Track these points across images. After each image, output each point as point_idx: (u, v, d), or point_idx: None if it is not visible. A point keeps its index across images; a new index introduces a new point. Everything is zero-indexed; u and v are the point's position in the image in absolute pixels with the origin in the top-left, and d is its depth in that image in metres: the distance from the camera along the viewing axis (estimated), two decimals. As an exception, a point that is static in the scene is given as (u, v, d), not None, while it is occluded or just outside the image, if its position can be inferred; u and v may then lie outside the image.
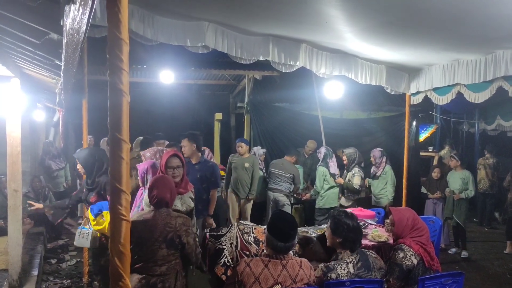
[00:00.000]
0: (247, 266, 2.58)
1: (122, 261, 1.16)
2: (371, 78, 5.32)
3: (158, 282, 2.75)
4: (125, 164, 1.15)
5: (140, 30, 3.97)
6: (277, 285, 2.56)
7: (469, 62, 4.57)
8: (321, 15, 3.75)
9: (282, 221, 2.74)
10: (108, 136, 1.21)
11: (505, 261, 6.70)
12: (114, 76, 1.12)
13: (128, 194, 1.17)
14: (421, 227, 3.39)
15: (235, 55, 4.54)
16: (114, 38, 1.12)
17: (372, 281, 2.84)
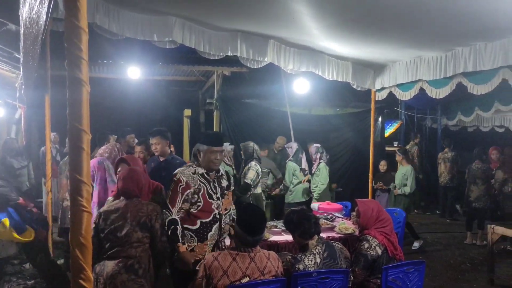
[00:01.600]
0: (215, 259, 2.60)
1: (83, 253, 1.15)
2: (337, 74, 5.43)
3: (135, 263, 2.83)
4: (86, 155, 1.14)
5: (105, 24, 3.91)
6: (245, 277, 2.58)
7: (430, 59, 4.73)
8: (289, 12, 3.79)
9: (250, 214, 2.77)
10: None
11: (465, 250, 6.97)
12: (72, 66, 1.11)
13: (89, 185, 1.16)
14: (385, 218, 3.50)
15: (203, 50, 4.53)
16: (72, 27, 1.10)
17: (338, 271, 2.91)
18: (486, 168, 7.33)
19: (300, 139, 7.85)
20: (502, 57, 3.88)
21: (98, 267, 2.87)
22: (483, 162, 7.40)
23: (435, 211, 10.30)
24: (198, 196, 3.21)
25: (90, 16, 3.79)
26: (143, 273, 2.85)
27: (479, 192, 7.27)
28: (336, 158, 9.08)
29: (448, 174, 9.40)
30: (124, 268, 2.79)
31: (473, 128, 11.49)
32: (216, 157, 3.30)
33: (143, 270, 2.85)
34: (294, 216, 3.15)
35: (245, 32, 4.64)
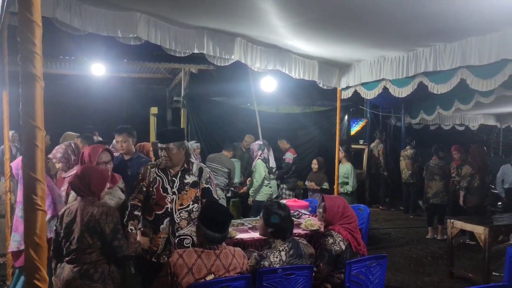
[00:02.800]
0: (180, 257, 2.59)
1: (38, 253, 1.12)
2: (304, 73, 5.48)
3: (90, 269, 2.74)
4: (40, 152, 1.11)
5: (66, 19, 3.80)
6: (210, 274, 2.58)
7: (393, 59, 4.85)
8: (255, 10, 3.80)
9: (215, 212, 2.77)
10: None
11: (426, 245, 7.21)
12: (26, 61, 1.08)
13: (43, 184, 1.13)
14: (351, 215, 3.58)
15: (169, 47, 4.47)
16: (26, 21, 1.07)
17: (303, 267, 2.95)
18: (442, 165, 7.60)
19: (268, 137, 7.89)
20: (460, 58, 4.03)
21: (59, 269, 2.79)
22: (440, 158, 7.67)
23: (399, 207, 10.60)
24: (152, 189, 3.37)
25: (50, 10, 3.68)
26: (100, 277, 2.75)
27: (437, 188, 7.53)
28: (303, 155, 9.18)
29: (408, 171, 9.72)
30: (79, 273, 2.71)
31: (435, 127, 11.87)
32: (162, 153, 3.36)
33: (100, 274, 2.75)
34: (281, 213, 3.14)
35: (211, 30, 4.61)
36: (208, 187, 3.40)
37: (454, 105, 8.60)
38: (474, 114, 10.72)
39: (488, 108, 9.12)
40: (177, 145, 3.34)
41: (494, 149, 13.92)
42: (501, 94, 6.94)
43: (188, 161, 3.44)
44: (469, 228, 5.34)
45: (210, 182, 3.45)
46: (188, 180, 3.39)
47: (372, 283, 3.24)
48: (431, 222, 7.75)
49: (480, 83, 3.99)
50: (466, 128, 11.76)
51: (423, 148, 10.23)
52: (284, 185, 7.67)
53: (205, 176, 3.44)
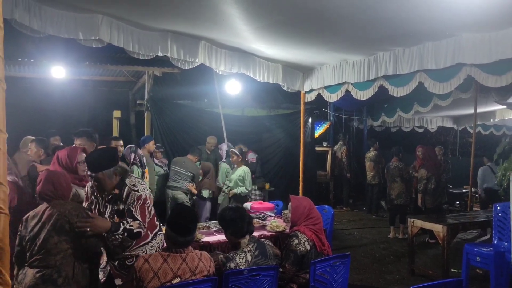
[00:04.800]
0: (145, 261, 2.56)
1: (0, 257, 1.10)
2: (268, 76, 5.55)
3: (54, 273, 2.67)
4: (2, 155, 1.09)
5: (25, 21, 3.69)
6: (176, 278, 2.57)
7: (355, 63, 5.00)
8: (218, 13, 3.82)
9: (181, 215, 2.76)
10: None
11: (389, 244, 7.41)
12: None
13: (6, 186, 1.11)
14: (316, 216, 3.64)
15: (132, 50, 4.42)
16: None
17: (268, 268, 2.99)
18: (402, 166, 7.84)
19: (232, 140, 7.91)
20: (418, 62, 4.22)
21: (21, 275, 2.71)
22: (400, 160, 7.92)
23: (362, 208, 10.85)
24: (91, 210, 3.17)
25: (8, 11, 3.57)
26: (64, 281, 2.69)
27: (400, 189, 7.76)
28: (268, 158, 9.27)
29: (371, 172, 9.97)
30: (42, 278, 2.64)
31: (396, 129, 12.25)
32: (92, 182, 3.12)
33: (64, 278, 2.69)
34: (228, 214, 3.20)
35: (175, 33, 4.60)
36: (129, 208, 3.03)
37: (413, 108, 8.93)
38: (433, 116, 11.19)
39: (445, 110, 9.55)
40: (108, 173, 3.03)
41: (451, 150, 14.50)
42: (458, 97, 7.29)
43: (122, 185, 3.12)
44: (428, 227, 5.53)
45: (133, 204, 3.04)
46: (119, 207, 3.14)
47: (336, 282, 3.31)
48: (393, 221, 7.99)
49: (437, 86, 4.17)
50: (425, 130, 12.23)
51: (384, 149, 10.54)
52: (253, 185, 7.71)
53: (130, 201, 3.06)
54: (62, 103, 9.44)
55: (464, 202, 10.04)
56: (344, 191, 11.04)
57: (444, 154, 9.12)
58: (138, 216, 2.99)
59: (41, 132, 5.86)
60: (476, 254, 4.96)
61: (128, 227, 2.89)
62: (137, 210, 3.01)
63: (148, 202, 3.11)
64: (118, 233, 2.85)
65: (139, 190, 3.09)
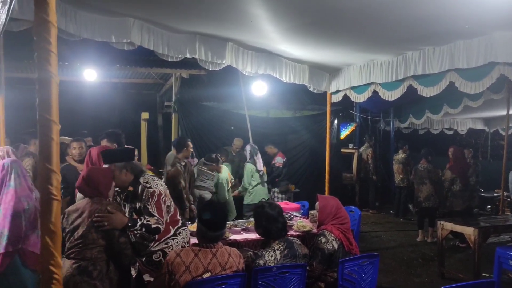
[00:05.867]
0: (177, 256, 2.64)
1: (53, 240, 1.17)
2: (294, 77, 5.57)
3: (89, 265, 2.77)
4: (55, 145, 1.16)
5: (62, 25, 3.82)
6: (207, 272, 2.63)
7: (382, 63, 4.96)
8: (246, 15, 3.87)
9: (212, 211, 2.82)
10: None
11: (417, 247, 7.30)
12: (42, 59, 1.13)
13: (58, 174, 1.18)
14: (344, 216, 3.64)
15: (162, 52, 4.52)
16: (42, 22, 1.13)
17: (297, 266, 3.01)
18: (431, 168, 7.70)
19: (257, 141, 7.95)
20: (449, 61, 4.14)
21: None
22: (429, 162, 7.78)
23: (389, 211, 10.71)
24: None
25: (45, 15, 3.71)
26: (98, 275, 2.79)
27: (428, 192, 7.61)
28: (294, 160, 9.26)
29: (399, 175, 9.82)
30: (78, 269, 2.76)
31: (424, 131, 12.04)
32: None
33: (99, 272, 2.79)
34: (268, 213, 3.22)
35: (203, 35, 4.67)
36: (145, 206, 3.13)
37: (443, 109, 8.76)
38: (463, 118, 10.94)
39: (476, 112, 9.32)
40: (119, 167, 3.15)
41: (482, 153, 14.15)
42: (489, 97, 7.12)
43: (136, 182, 3.22)
44: (458, 229, 5.43)
45: (148, 201, 3.14)
46: (136, 206, 3.24)
47: (364, 281, 3.31)
48: (422, 225, 7.85)
49: (468, 86, 4.10)
50: (455, 132, 11.96)
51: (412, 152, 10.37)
52: (276, 188, 7.73)
53: (145, 198, 3.15)
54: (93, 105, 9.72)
55: (496, 206, 9.77)
56: (370, 193, 10.91)
57: (474, 157, 8.92)
58: (154, 212, 3.09)
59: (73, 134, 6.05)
60: (509, 257, 4.83)
61: (146, 222, 2.98)
62: (153, 207, 3.10)
63: (163, 196, 3.19)
64: (136, 228, 2.95)
65: (152, 186, 3.18)
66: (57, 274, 1.20)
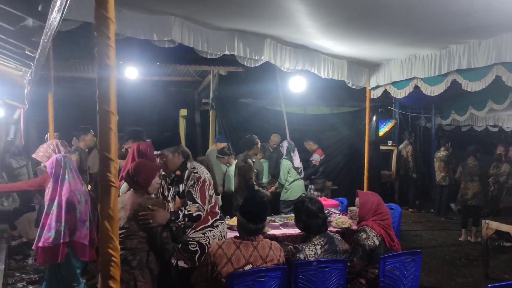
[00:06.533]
0: (219, 248, 2.69)
1: (111, 225, 1.24)
2: (333, 73, 5.52)
3: (129, 255, 2.86)
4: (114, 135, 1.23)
5: (106, 24, 3.96)
6: (248, 265, 2.67)
7: (425, 57, 4.83)
8: (285, 10, 3.88)
9: (253, 204, 2.86)
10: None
11: (460, 247, 7.09)
12: (102, 53, 1.20)
13: (116, 163, 1.25)
14: (385, 212, 3.59)
15: (201, 49, 4.58)
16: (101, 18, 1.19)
17: (337, 261, 3.00)
18: (482, 165, 7.43)
19: (295, 138, 7.94)
20: (495, 54, 3.98)
21: None
22: (477, 159, 7.52)
23: (429, 210, 10.44)
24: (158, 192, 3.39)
25: (90, 15, 3.83)
26: (138, 264, 2.87)
27: (476, 189, 7.37)
28: (331, 157, 9.17)
29: (441, 173, 9.54)
30: None
31: (467, 128, 11.63)
32: (158, 160, 3.30)
33: (138, 261, 2.87)
34: (309, 208, 3.22)
35: (242, 31, 4.71)
36: (189, 191, 3.21)
37: (487, 105, 8.42)
38: (509, 114, 10.45)
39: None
40: (171, 151, 3.25)
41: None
42: (538, 92, 6.80)
43: (184, 167, 3.32)
44: (505, 229, 5.24)
45: (193, 186, 3.22)
46: (179, 189, 3.33)
47: (406, 278, 3.25)
48: (465, 224, 7.61)
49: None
50: (500, 130, 11.45)
51: (454, 150, 10.05)
52: (312, 185, 7.70)
53: (190, 182, 3.24)
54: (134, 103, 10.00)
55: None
56: (410, 191, 10.67)
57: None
58: (197, 198, 3.15)
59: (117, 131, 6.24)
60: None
61: (187, 212, 3.05)
62: (197, 193, 3.17)
63: (207, 184, 3.26)
64: (179, 220, 3.02)
65: (198, 172, 3.27)
66: (115, 257, 1.26)
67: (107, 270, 1.22)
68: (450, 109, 10.21)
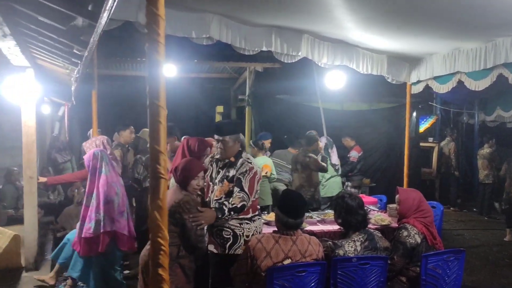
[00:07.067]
0: (258, 242, 2.72)
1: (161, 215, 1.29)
2: (372, 68, 5.42)
3: None
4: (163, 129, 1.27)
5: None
6: (287, 259, 2.69)
7: (469, 51, 4.67)
8: (324, 4, 3.84)
9: (291, 199, 2.87)
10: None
11: (504, 247, 6.83)
12: (152, 49, 1.25)
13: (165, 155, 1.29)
14: (426, 209, 3.51)
15: (239, 46, 4.61)
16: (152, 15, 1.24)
17: (378, 258, 2.97)
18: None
19: (331, 134, 7.87)
20: (545, 47, 3.81)
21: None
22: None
23: (471, 209, 10.09)
24: (206, 176, 3.44)
25: (133, 14, 3.93)
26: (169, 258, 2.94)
27: (524, 186, 7.07)
28: (369, 153, 9.03)
29: (484, 170, 9.20)
30: (148, 251, 2.90)
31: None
32: (218, 145, 3.37)
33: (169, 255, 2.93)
34: (349, 204, 3.20)
35: (279, 27, 4.70)
36: (239, 177, 3.26)
37: (535, 100, 8.06)
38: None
39: None
40: (233, 138, 3.32)
41: None
42: None
43: (239, 155, 3.39)
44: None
45: (244, 174, 3.27)
46: (229, 174, 3.36)
47: (449, 277, 3.17)
48: (510, 223, 7.31)
49: None
50: (548, 126, 10.92)
51: (498, 147, 9.66)
52: (349, 182, 7.62)
53: (242, 170, 3.29)
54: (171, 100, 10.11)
55: None
56: (452, 190, 10.34)
57: None
58: (245, 187, 3.19)
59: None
60: None
61: (231, 206, 3.09)
62: (247, 182, 3.22)
63: (258, 177, 3.31)
64: (225, 215, 3.07)
65: (252, 163, 3.35)
66: (164, 246, 1.32)
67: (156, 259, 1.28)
68: (494, 104, 9.82)
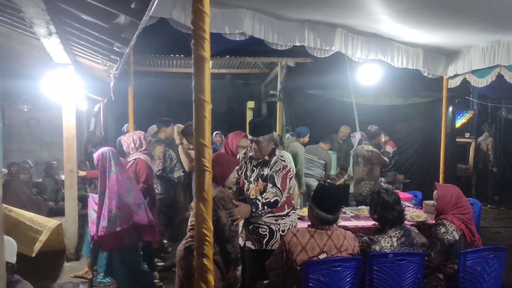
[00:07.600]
0: (294, 236, 2.73)
1: (206, 207, 1.33)
2: (407, 62, 5.31)
3: (193, 244, 2.94)
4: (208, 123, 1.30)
5: (181, 19, 4.09)
6: (323, 253, 2.69)
7: (510, 43, 4.51)
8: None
9: (327, 193, 2.86)
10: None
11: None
12: (198, 45, 1.28)
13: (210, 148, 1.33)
14: (465, 206, 3.44)
15: (272, 41, 4.61)
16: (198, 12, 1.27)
17: (414, 254, 2.93)
18: None
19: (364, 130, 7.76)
20: None
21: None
22: None
23: (510, 206, 9.76)
24: (239, 174, 3.45)
25: (168, 12, 4.00)
26: None
27: None
28: (403, 149, 8.86)
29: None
30: (184, 246, 3.00)
31: (554, 119, 10.72)
32: (253, 145, 3.36)
33: None
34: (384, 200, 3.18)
35: (312, 22, 4.67)
36: (271, 175, 3.29)
37: None
38: None
39: None
40: (267, 138, 3.31)
41: None
42: None
43: (272, 153, 3.39)
44: None
45: (277, 172, 3.29)
46: (264, 173, 3.37)
47: (488, 275, 3.10)
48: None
49: None
50: None
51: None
52: (383, 178, 7.50)
53: (276, 168, 3.31)
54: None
55: None
56: (489, 186, 10.01)
57: None
58: (278, 183, 3.23)
59: (185, 122, 6.50)
60: None
61: (264, 200, 3.13)
62: (279, 179, 3.25)
63: (290, 174, 3.34)
64: (259, 210, 3.11)
65: (286, 161, 3.36)
66: (209, 236, 1.35)
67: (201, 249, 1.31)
68: (535, 98, 9.44)
